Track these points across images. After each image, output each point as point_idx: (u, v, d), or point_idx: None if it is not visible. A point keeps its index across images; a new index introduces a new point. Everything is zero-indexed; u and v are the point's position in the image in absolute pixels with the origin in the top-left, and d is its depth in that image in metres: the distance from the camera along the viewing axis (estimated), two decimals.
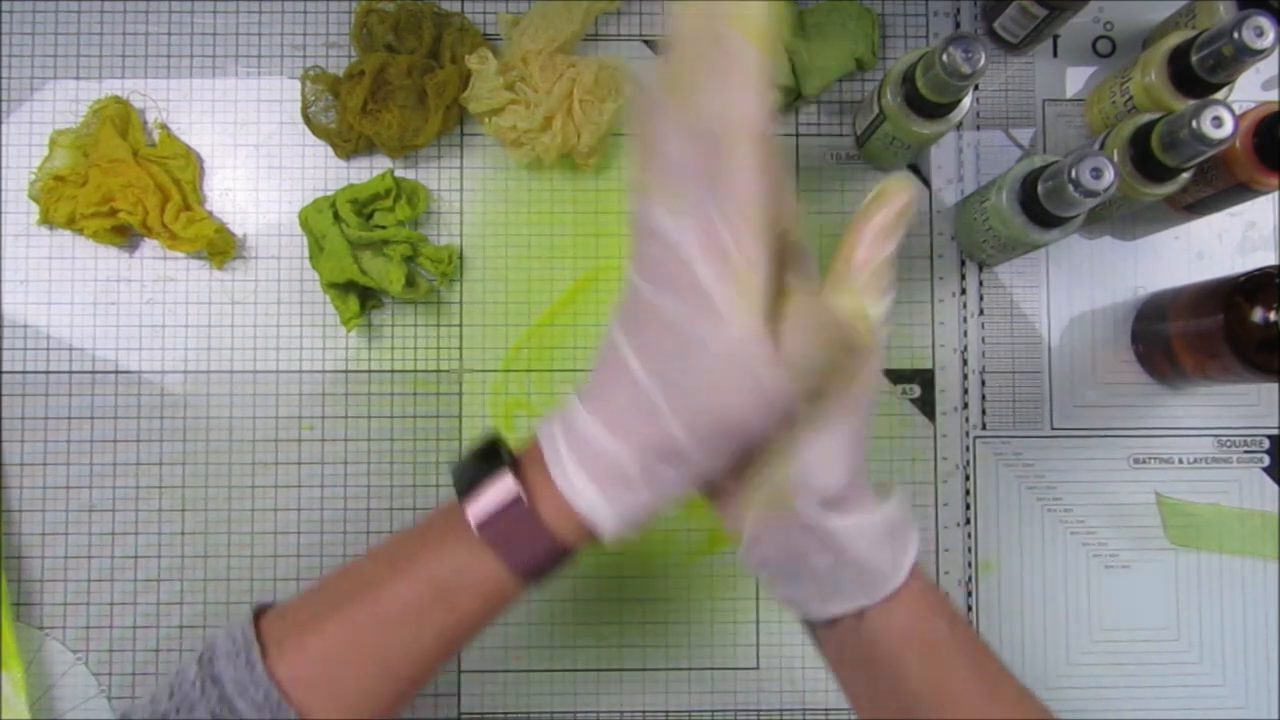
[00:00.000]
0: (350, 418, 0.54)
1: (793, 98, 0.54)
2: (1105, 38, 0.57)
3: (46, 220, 0.53)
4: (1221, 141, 0.42)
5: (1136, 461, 0.55)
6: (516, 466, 0.35)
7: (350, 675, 0.35)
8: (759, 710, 0.53)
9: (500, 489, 0.35)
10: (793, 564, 0.37)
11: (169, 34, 0.55)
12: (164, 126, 0.54)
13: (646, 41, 0.56)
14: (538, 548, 0.34)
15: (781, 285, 0.33)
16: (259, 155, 0.55)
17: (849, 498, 0.36)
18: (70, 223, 0.53)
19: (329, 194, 0.53)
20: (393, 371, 0.54)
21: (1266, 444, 0.55)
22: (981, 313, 0.55)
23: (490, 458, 0.36)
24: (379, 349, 0.54)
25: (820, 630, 0.39)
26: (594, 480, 0.33)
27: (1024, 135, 0.56)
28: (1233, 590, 0.54)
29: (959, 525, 0.54)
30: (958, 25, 0.57)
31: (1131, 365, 0.55)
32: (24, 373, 0.53)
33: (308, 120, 0.54)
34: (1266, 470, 0.55)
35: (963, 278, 0.55)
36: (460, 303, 0.55)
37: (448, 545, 0.35)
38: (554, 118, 0.52)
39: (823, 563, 0.36)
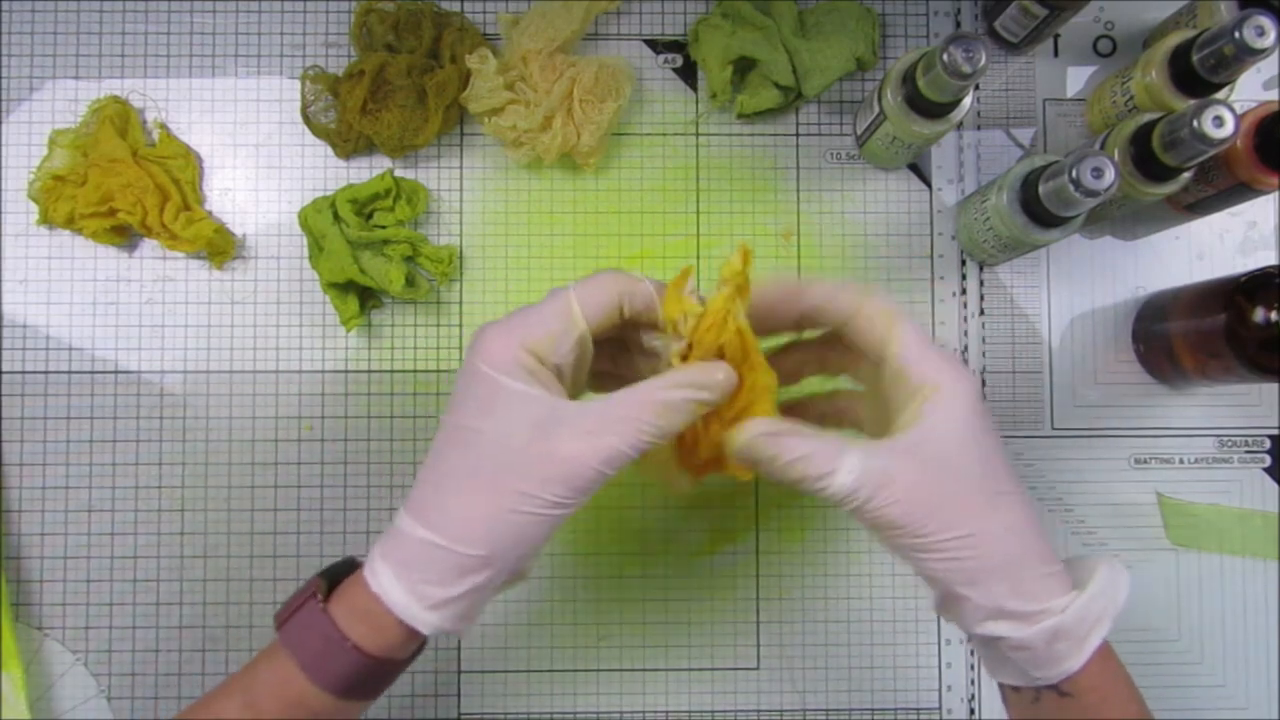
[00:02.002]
0: (350, 418, 0.54)
1: (793, 98, 0.54)
2: (1106, 37, 0.57)
3: (46, 220, 0.53)
4: (1222, 141, 0.42)
5: (1137, 461, 0.55)
6: (337, 579, 0.37)
7: None
8: (759, 710, 0.53)
9: (304, 591, 0.36)
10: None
11: (168, 34, 0.55)
12: (163, 126, 0.54)
13: (647, 41, 0.56)
14: (333, 651, 0.35)
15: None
16: (258, 155, 0.55)
17: (1016, 606, 0.35)
18: (69, 222, 0.52)
19: (329, 194, 0.53)
20: (393, 371, 0.54)
21: (1267, 444, 0.55)
22: (982, 313, 0.55)
23: (336, 569, 0.38)
24: (379, 349, 0.54)
25: (1003, 689, 0.39)
26: (402, 576, 0.35)
27: (1024, 135, 0.56)
28: (1233, 590, 0.54)
29: None
30: (958, 25, 0.57)
31: (1132, 365, 0.55)
32: (23, 373, 0.53)
33: (307, 120, 0.54)
34: (1267, 470, 0.55)
35: (963, 278, 0.55)
36: (460, 303, 0.55)
37: (263, 655, 0.37)
38: (554, 118, 0.52)
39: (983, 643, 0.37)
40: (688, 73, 0.56)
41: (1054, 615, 0.35)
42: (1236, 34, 0.43)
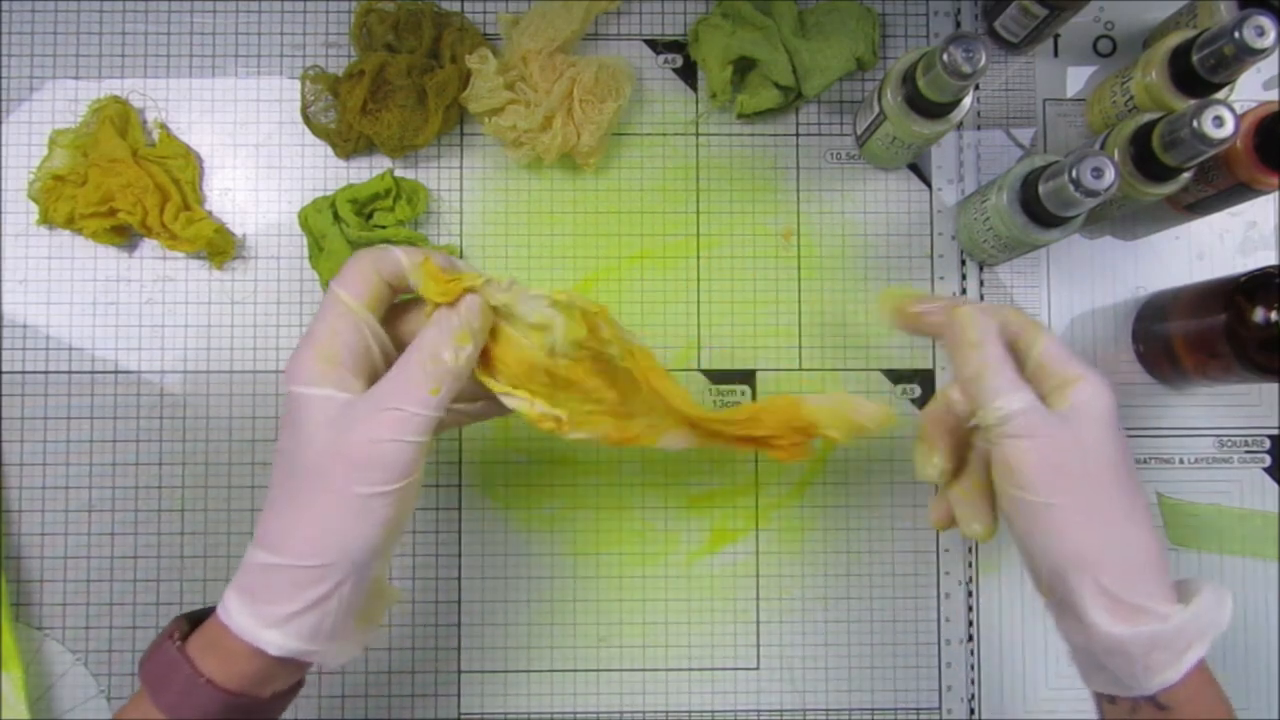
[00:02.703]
0: None
1: (793, 98, 0.54)
2: (1106, 37, 0.57)
3: (46, 220, 0.53)
4: (1222, 141, 0.42)
5: (1137, 462, 0.55)
6: (202, 619, 0.38)
7: None
8: (759, 710, 0.53)
9: (163, 632, 0.37)
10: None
11: (168, 34, 0.55)
12: (163, 126, 0.54)
13: (647, 41, 0.56)
14: (190, 689, 0.35)
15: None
16: (259, 155, 0.55)
17: (1123, 597, 0.36)
18: (70, 222, 0.52)
19: (329, 194, 0.53)
20: None
21: (1267, 444, 0.55)
22: None
23: (202, 612, 0.39)
24: None
25: (1098, 699, 0.39)
26: (246, 601, 0.35)
27: (1024, 135, 0.56)
28: (1233, 590, 0.54)
29: None
30: (958, 25, 0.57)
31: (1132, 365, 0.55)
32: (23, 373, 0.53)
33: (307, 120, 0.54)
34: (1267, 470, 0.55)
35: (963, 278, 0.55)
36: None
37: (132, 701, 0.37)
38: (554, 117, 0.52)
39: (1080, 642, 0.38)
40: (688, 73, 0.56)
41: (1158, 620, 0.35)
42: (1236, 34, 0.43)
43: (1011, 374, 0.38)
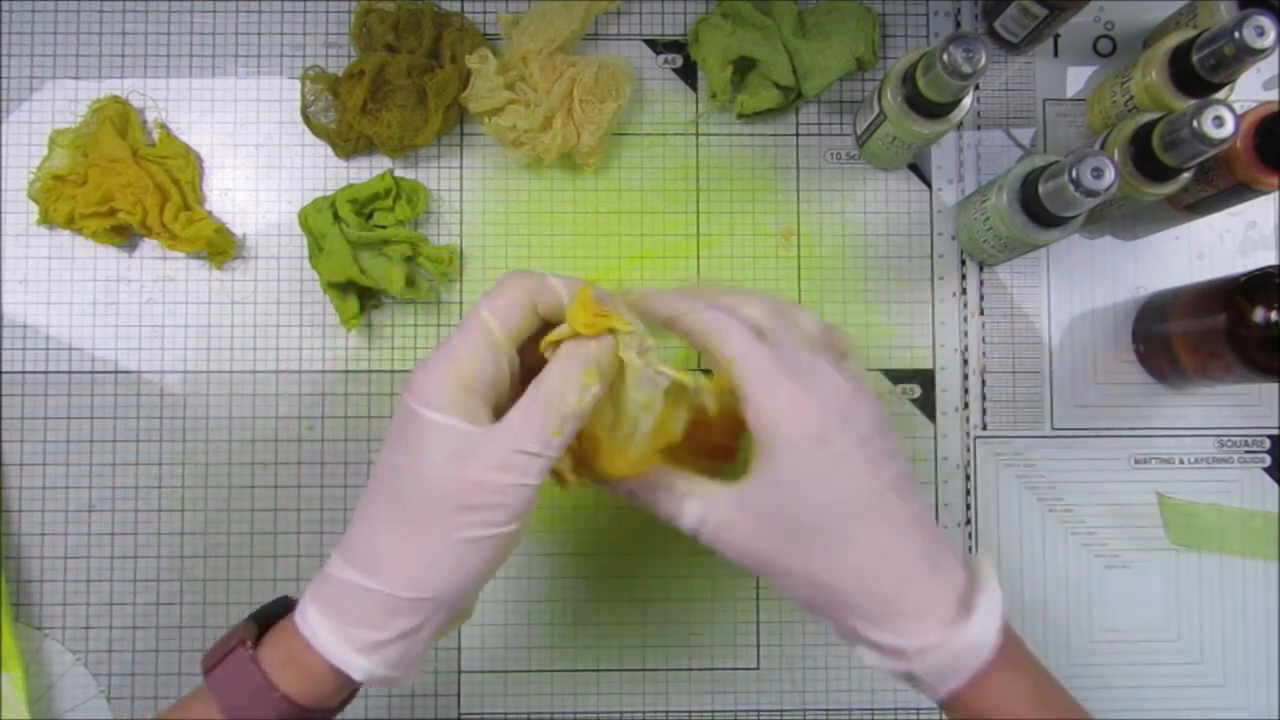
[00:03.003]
0: (350, 418, 0.54)
1: (793, 98, 0.54)
2: (1106, 37, 0.57)
3: (46, 220, 0.53)
4: (1222, 141, 0.42)
5: (1137, 461, 0.55)
6: (271, 621, 0.36)
7: None
8: (759, 710, 0.53)
9: (233, 637, 0.36)
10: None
11: (168, 34, 0.55)
12: (163, 126, 0.54)
13: (647, 41, 0.56)
14: (260, 702, 0.34)
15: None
16: (259, 155, 0.55)
17: (877, 639, 0.35)
18: (70, 223, 0.52)
19: (329, 194, 0.53)
20: (393, 371, 0.54)
21: (1267, 444, 0.55)
22: (982, 313, 0.55)
23: (270, 611, 0.37)
24: (379, 349, 0.54)
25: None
26: (332, 619, 0.34)
27: (1024, 135, 0.56)
28: (1233, 590, 0.54)
29: (960, 525, 0.54)
30: (958, 25, 0.57)
31: (1132, 365, 0.55)
32: (23, 373, 0.53)
33: (307, 120, 0.54)
34: (1267, 470, 0.55)
35: (963, 278, 0.55)
36: (460, 303, 0.55)
37: (190, 698, 0.36)
38: (554, 117, 0.52)
39: (870, 657, 0.37)
40: (688, 73, 0.56)
41: (920, 655, 0.34)
42: (1236, 34, 0.43)
43: (675, 494, 0.37)
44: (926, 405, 0.55)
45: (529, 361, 0.37)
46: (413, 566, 0.34)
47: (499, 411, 0.35)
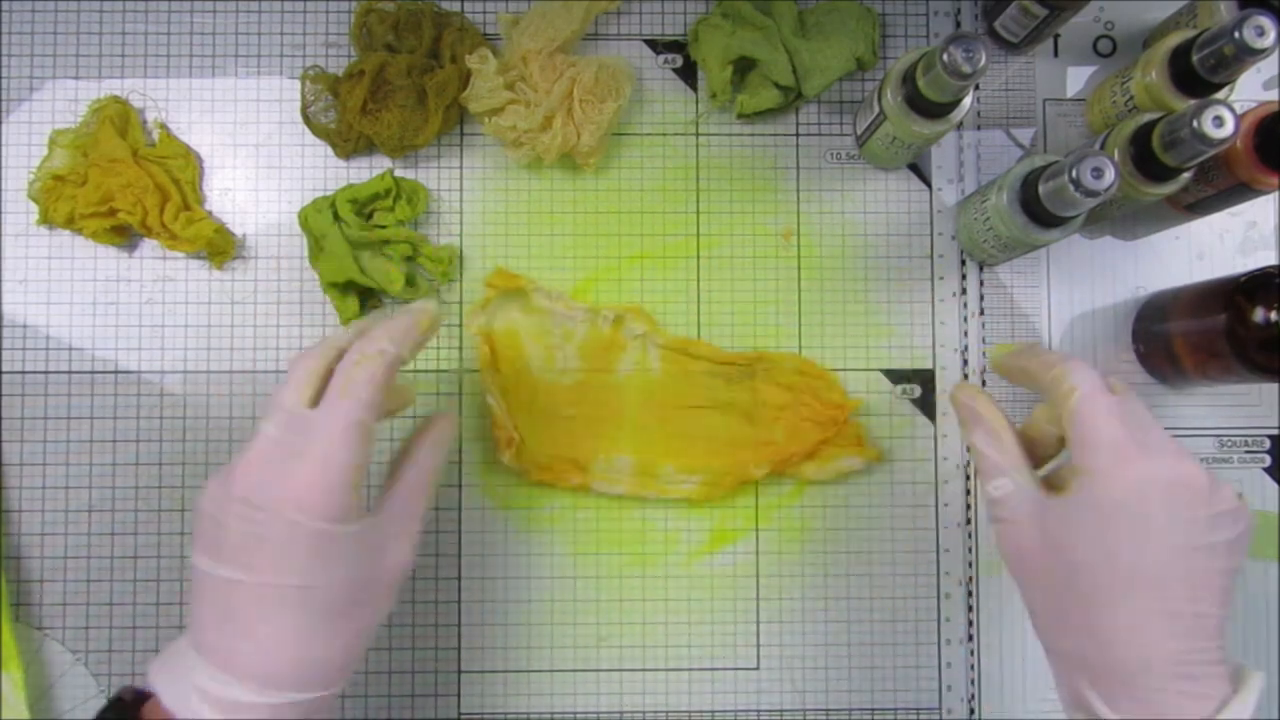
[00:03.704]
0: None
1: (793, 98, 0.54)
2: (1106, 37, 0.57)
3: (46, 220, 0.53)
4: (1222, 141, 0.42)
5: None
6: None
7: None
8: (759, 710, 0.53)
9: None
10: None
11: (168, 34, 0.55)
12: (163, 126, 0.54)
13: (647, 41, 0.56)
14: None
15: None
16: (259, 155, 0.55)
17: (1122, 694, 0.34)
18: (69, 222, 0.52)
19: (329, 194, 0.53)
20: None
21: (1267, 444, 0.55)
22: (982, 313, 0.55)
23: None
24: None
25: None
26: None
27: (1024, 135, 0.56)
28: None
29: (960, 525, 0.54)
30: (958, 25, 0.57)
31: (1132, 365, 0.55)
32: (23, 373, 0.53)
33: (307, 120, 0.54)
34: (1267, 470, 0.55)
35: (963, 278, 0.55)
36: (460, 303, 0.55)
37: None
38: (554, 117, 0.52)
39: None
40: (688, 73, 0.56)
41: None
42: (1236, 34, 0.43)
43: (999, 455, 0.39)
44: (926, 405, 0.55)
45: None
46: (320, 667, 0.35)
47: None
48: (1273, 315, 0.46)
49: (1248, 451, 0.55)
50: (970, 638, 0.54)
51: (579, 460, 0.52)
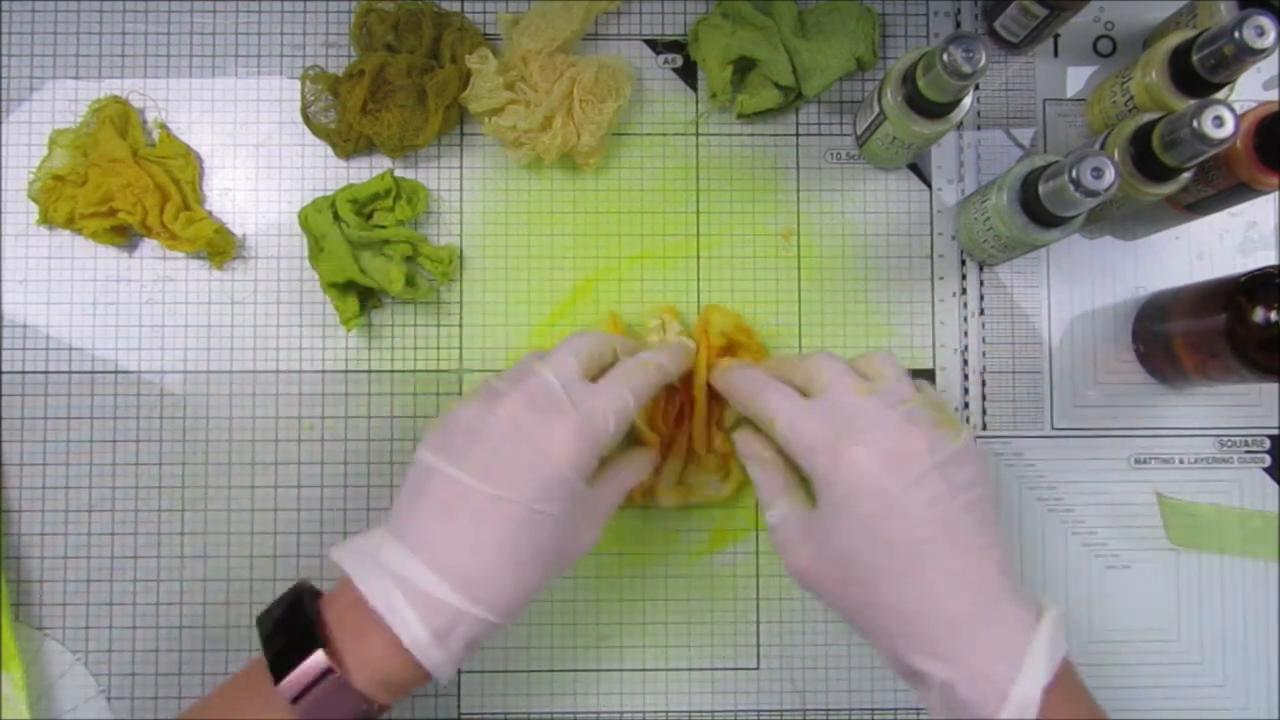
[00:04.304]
0: (350, 418, 0.54)
1: (793, 98, 0.54)
2: (1106, 37, 0.57)
3: (46, 220, 0.53)
4: (1222, 141, 0.42)
5: (1137, 461, 0.55)
6: (323, 626, 0.37)
7: None
8: (759, 710, 0.53)
9: (312, 666, 0.36)
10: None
11: (168, 34, 0.55)
12: (163, 126, 0.54)
13: (647, 41, 0.56)
14: (350, 713, 0.36)
15: None
16: (259, 155, 0.55)
17: (924, 668, 0.37)
18: (69, 223, 0.52)
19: (329, 194, 0.53)
20: (393, 371, 0.54)
21: (1267, 444, 0.55)
22: (982, 313, 0.55)
23: (296, 617, 0.38)
24: (379, 349, 0.54)
25: None
26: (438, 639, 0.36)
27: (1024, 135, 0.56)
28: (1233, 590, 0.54)
29: None
30: (958, 25, 0.57)
31: (1132, 365, 0.55)
32: (23, 373, 0.53)
33: (307, 120, 0.54)
34: (1267, 470, 0.55)
35: (963, 278, 0.55)
36: (460, 303, 0.55)
37: (246, 687, 0.38)
38: (554, 117, 0.52)
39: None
40: (688, 73, 0.56)
41: (961, 693, 0.35)
42: (1236, 34, 0.43)
43: (767, 485, 0.45)
44: None
45: None
46: (510, 599, 0.37)
47: None
48: (1273, 315, 0.46)
49: (1248, 451, 0.55)
50: None
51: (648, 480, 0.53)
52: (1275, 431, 0.55)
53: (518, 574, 0.37)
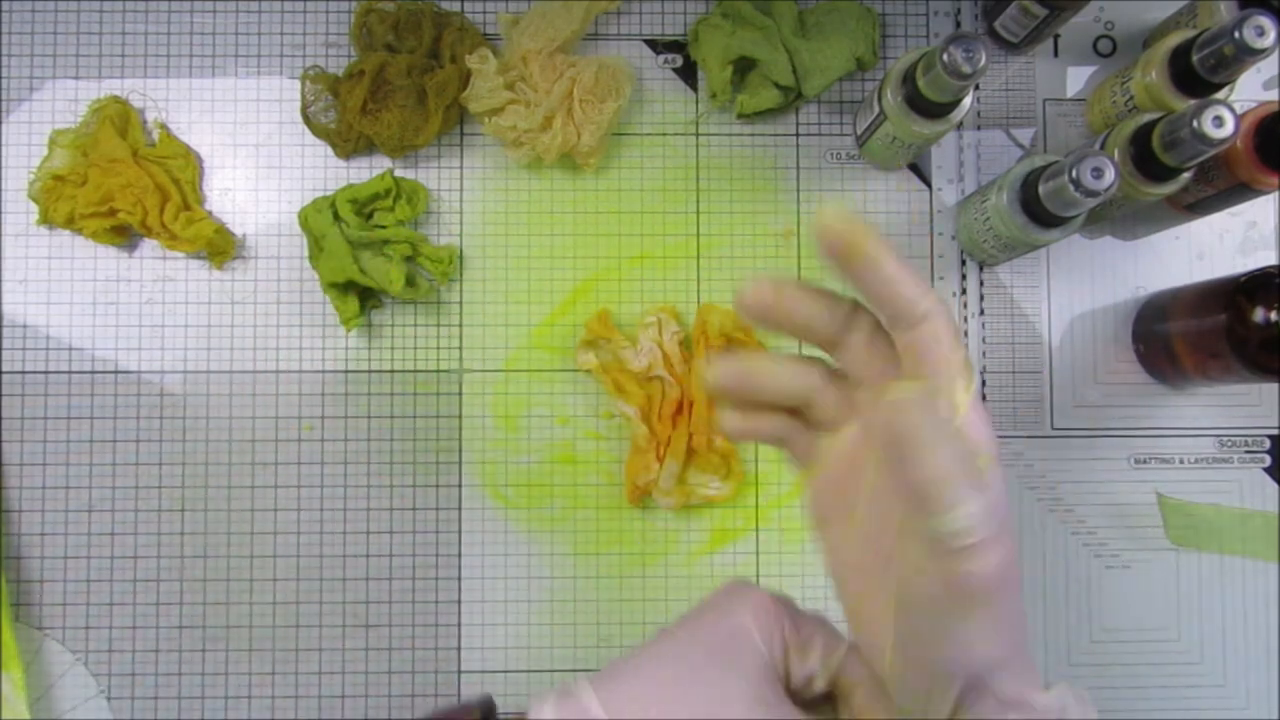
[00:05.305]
0: (350, 418, 0.54)
1: (793, 98, 0.54)
2: (1106, 37, 0.57)
3: (46, 220, 0.53)
4: (1222, 141, 0.42)
5: (1137, 461, 0.55)
6: None
7: None
8: None
9: None
10: None
11: (168, 34, 0.55)
12: (163, 126, 0.54)
13: (647, 41, 0.56)
14: None
15: None
16: (259, 155, 0.55)
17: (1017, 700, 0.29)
18: (70, 222, 0.52)
19: (329, 194, 0.53)
20: (393, 371, 0.54)
21: (1267, 444, 0.55)
22: (982, 313, 0.55)
23: None
24: (379, 349, 0.54)
25: None
26: None
27: (1024, 135, 0.56)
28: (1233, 590, 0.54)
29: None
30: (958, 25, 0.57)
31: (1132, 365, 0.55)
32: (23, 373, 0.53)
33: (307, 120, 0.54)
34: (1267, 470, 0.55)
35: (963, 278, 0.55)
36: (460, 303, 0.55)
37: None
38: (554, 117, 0.52)
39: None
40: (688, 73, 0.56)
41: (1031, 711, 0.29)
42: (1236, 34, 0.43)
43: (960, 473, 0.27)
44: None
45: None
46: None
47: None
48: (1273, 315, 0.46)
49: (1248, 451, 0.55)
50: None
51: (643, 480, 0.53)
52: (1275, 431, 0.55)
53: None
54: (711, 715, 0.30)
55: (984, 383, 0.55)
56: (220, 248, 0.53)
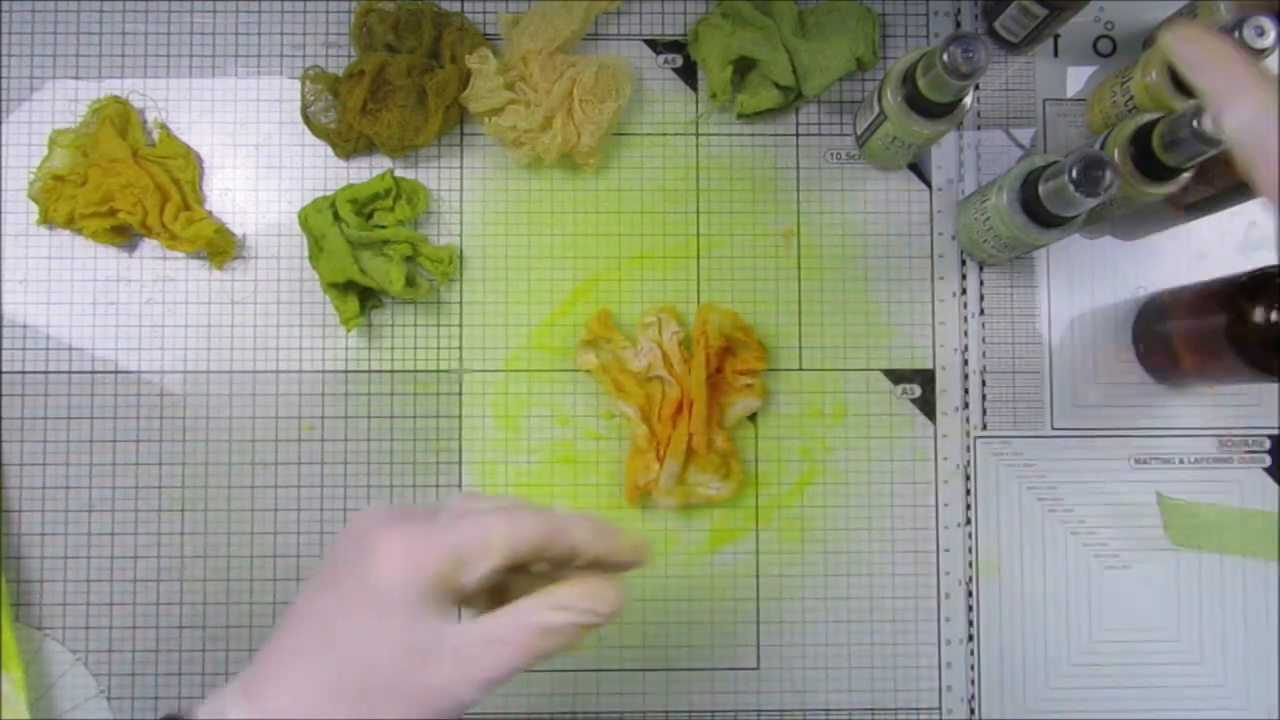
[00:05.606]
0: (350, 418, 0.54)
1: (793, 98, 0.54)
2: (1106, 37, 0.57)
3: (46, 220, 0.53)
4: (1222, 141, 0.42)
5: (1137, 461, 0.55)
6: None
7: None
8: (759, 710, 0.53)
9: None
10: None
11: (168, 34, 0.55)
12: (163, 126, 0.54)
13: (647, 41, 0.56)
14: None
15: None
16: (259, 155, 0.55)
17: None
18: (69, 222, 0.52)
19: (329, 194, 0.53)
20: (393, 371, 0.54)
21: (1268, 444, 0.55)
22: (982, 313, 0.55)
23: None
24: (379, 349, 0.54)
25: None
26: None
27: (1024, 135, 0.56)
28: (1233, 590, 0.54)
29: (959, 525, 0.54)
30: (958, 25, 0.57)
31: (1132, 365, 0.55)
32: (23, 373, 0.53)
33: (307, 120, 0.54)
34: (1268, 470, 0.55)
35: (963, 278, 0.55)
36: (460, 303, 0.55)
37: None
38: (554, 117, 0.52)
39: None
40: (688, 73, 0.56)
41: None
42: (1236, 34, 0.43)
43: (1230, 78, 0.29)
44: (926, 405, 0.55)
45: None
46: (286, 704, 0.31)
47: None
48: (1273, 315, 0.46)
49: (1248, 451, 0.55)
50: (970, 638, 0.54)
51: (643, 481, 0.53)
52: (1275, 431, 0.55)
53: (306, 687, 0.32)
54: (365, 679, 0.32)
55: (984, 382, 0.55)
56: (220, 248, 0.53)
